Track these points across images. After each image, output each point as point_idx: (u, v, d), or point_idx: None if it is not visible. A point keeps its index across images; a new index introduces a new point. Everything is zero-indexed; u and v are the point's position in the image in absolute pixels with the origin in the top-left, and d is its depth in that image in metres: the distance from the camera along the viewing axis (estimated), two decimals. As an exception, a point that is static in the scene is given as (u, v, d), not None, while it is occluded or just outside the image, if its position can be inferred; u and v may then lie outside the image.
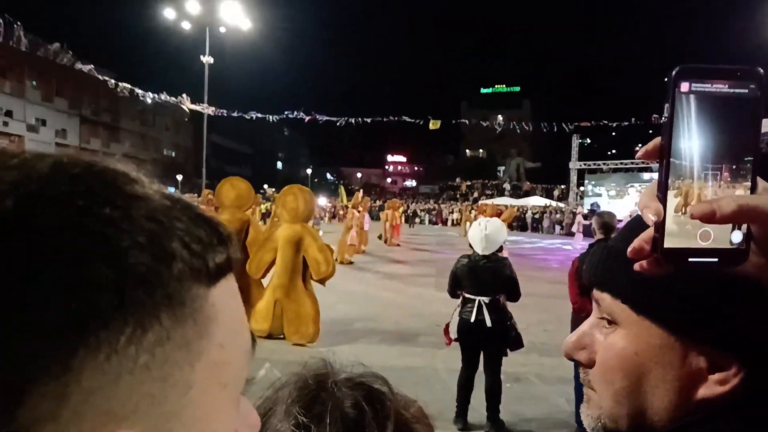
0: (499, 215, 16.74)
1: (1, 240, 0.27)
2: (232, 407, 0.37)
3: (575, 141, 43.68)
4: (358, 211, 18.09)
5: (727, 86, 0.49)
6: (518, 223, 37.27)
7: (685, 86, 0.49)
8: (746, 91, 0.49)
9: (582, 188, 44.62)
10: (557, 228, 36.21)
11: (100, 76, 33.47)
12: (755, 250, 0.51)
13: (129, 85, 33.52)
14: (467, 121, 47.58)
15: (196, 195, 35.27)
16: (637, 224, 0.66)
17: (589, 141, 60.50)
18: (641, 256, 0.52)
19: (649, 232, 0.52)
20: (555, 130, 38.72)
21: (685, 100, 0.49)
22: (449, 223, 43.13)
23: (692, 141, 0.49)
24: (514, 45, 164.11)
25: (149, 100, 37.65)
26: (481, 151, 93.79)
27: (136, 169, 0.35)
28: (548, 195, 54.42)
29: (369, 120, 40.41)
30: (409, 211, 43.70)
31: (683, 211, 0.49)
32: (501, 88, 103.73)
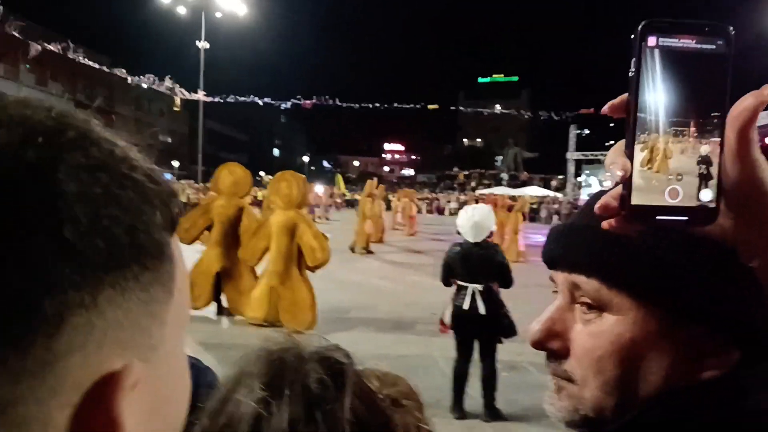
0: (508, 207, 16.58)
1: (41, 195, 0.29)
2: (183, 347, 0.40)
3: (573, 131, 43.61)
4: (372, 200, 17.41)
5: (694, 41, 0.49)
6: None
7: (652, 41, 0.49)
8: (714, 47, 0.49)
9: (579, 179, 44.61)
10: (555, 218, 36.22)
11: (92, 63, 33.13)
12: (724, 210, 0.49)
13: (123, 71, 33.21)
14: (464, 109, 47.39)
15: (192, 181, 35.34)
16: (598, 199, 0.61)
17: (587, 131, 60.50)
18: (609, 214, 0.51)
19: (618, 189, 0.50)
20: (553, 118, 38.65)
21: (650, 54, 0.48)
22: (446, 212, 43.07)
23: (658, 96, 0.48)
24: (512, 34, 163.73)
25: (145, 86, 37.36)
26: (478, 140, 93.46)
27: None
28: (546, 185, 54.33)
29: (369, 105, 40.27)
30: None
31: (649, 165, 0.49)
32: (499, 77, 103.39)
